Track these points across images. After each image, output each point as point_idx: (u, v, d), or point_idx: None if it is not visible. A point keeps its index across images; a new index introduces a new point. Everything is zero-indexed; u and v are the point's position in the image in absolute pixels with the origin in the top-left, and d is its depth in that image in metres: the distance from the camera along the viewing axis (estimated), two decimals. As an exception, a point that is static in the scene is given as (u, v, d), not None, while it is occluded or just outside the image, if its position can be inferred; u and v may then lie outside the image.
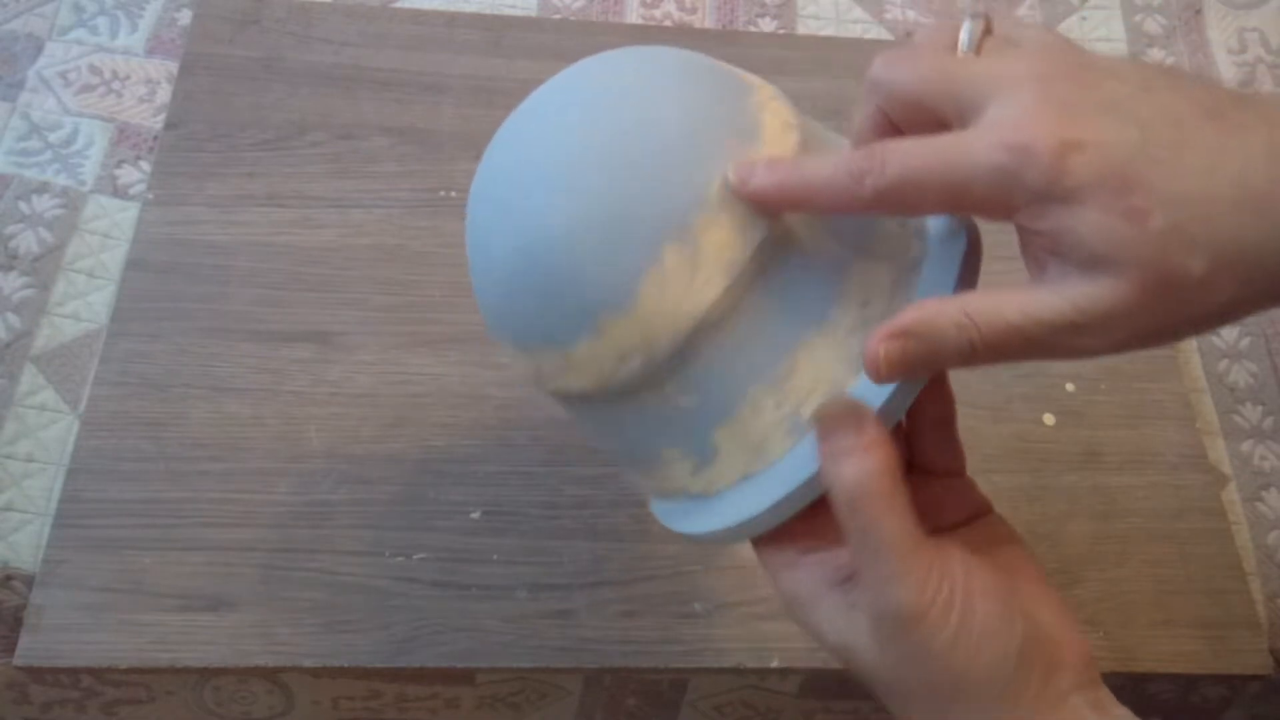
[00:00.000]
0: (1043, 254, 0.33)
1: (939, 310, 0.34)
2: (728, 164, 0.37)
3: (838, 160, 0.35)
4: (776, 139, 0.38)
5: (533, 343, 0.40)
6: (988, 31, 0.36)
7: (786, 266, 0.38)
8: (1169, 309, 0.32)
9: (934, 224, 0.41)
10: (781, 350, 0.38)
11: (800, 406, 0.38)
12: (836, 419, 0.36)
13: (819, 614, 0.37)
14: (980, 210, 0.34)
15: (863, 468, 0.35)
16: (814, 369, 0.38)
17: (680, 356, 0.38)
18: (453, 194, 0.70)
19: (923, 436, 0.41)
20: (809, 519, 0.38)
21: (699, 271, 0.37)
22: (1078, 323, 0.32)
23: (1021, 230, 0.34)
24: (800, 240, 0.38)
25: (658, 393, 0.39)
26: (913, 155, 0.34)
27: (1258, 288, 0.32)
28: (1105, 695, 0.37)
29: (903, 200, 0.34)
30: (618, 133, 0.38)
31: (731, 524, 0.39)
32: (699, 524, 0.41)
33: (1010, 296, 0.33)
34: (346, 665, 0.56)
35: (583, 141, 0.39)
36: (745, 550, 0.60)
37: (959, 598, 0.35)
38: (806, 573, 0.38)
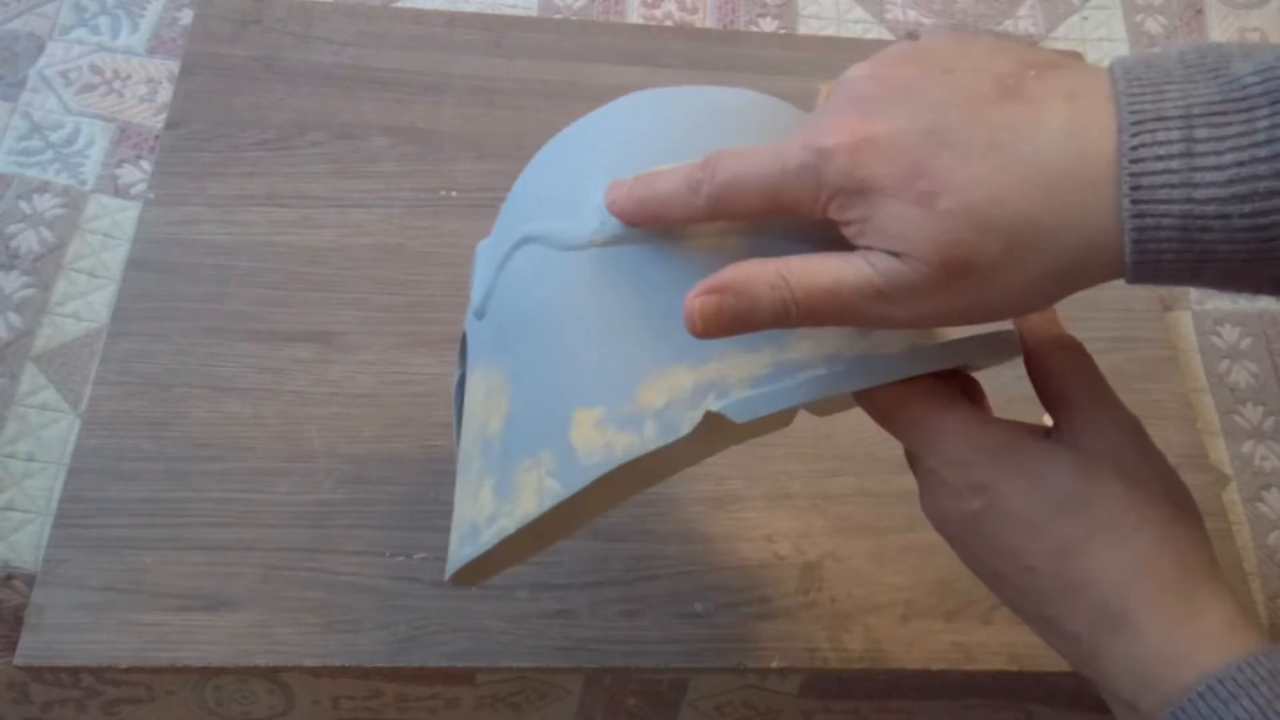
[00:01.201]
0: (855, 240, 0.35)
1: (758, 270, 0.36)
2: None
3: (681, 171, 0.37)
4: None
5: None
6: None
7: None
8: (970, 288, 0.34)
9: None
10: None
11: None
12: None
13: (1045, 448, 0.37)
14: (795, 209, 0.35)
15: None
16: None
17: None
18: (453, 194, 0.70)
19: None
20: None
21: None
22: (884, 292, 0.34)
23: (834, 225, 0.35)
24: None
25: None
26: (738, 160, 0.36)
27: (1061, 268, 0.33)
28: None
29: (732, 204, 0.36)
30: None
31: (918, 348, 0.38)
32: (838, 369, 0.38)
33: (826, 262, 0.35)
34: (347, 665, 0.56)
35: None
36: (746, 550, 0.60)
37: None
38: (1013, 424, 0.39)
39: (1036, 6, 0.87)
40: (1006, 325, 0.39)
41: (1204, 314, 0.73)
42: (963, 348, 0.39)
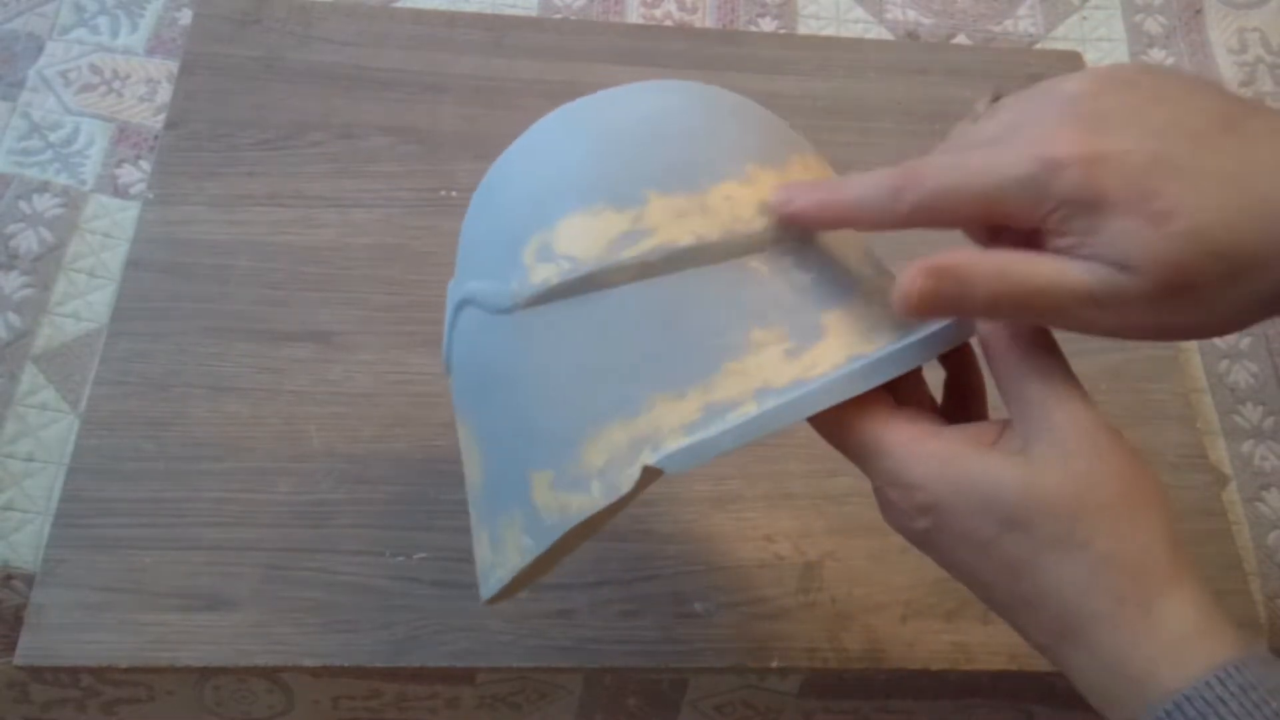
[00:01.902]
0: (1074, 252, 0.35)
1: (979, 259, 0.36)
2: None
3: (875, 178, 0.37)
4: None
5: (651, 187, 0.40)
6: (995, 99, 0.38)
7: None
8: (1186, 307, 0.34)
9: None
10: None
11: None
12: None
13: (988, 462, 0.37)
14: (1011, 219, 0.35)
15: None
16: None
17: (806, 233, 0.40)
18: (453, 194, 0.70)
19: (957, 399, 0.43)
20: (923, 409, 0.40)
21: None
22: (1099, 300, 0.34)
23: (1048, 234, 0.35)
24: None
25: (779, 257, 0.39)
26: (947, 170, 0.36)
27: (1269, 295, 0.34)
28: None
29: (938, 213, 0.36)
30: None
31: (838, 379, 0.38)
32: (772, 408, 0.38)
33: (1045, 261, 0.35)
34: (346, 665, 0.56)
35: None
36: (746, 550, 0.60)
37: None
38: (955, 437, 0.38)
39: (1036, 6, 0.87)
40: (944, 322, 0.38)
41: (1204, 314, 0.73)
42: (895, 360, 0.38)
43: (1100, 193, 0.34)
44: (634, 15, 0.83)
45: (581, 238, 0.39)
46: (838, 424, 0.39)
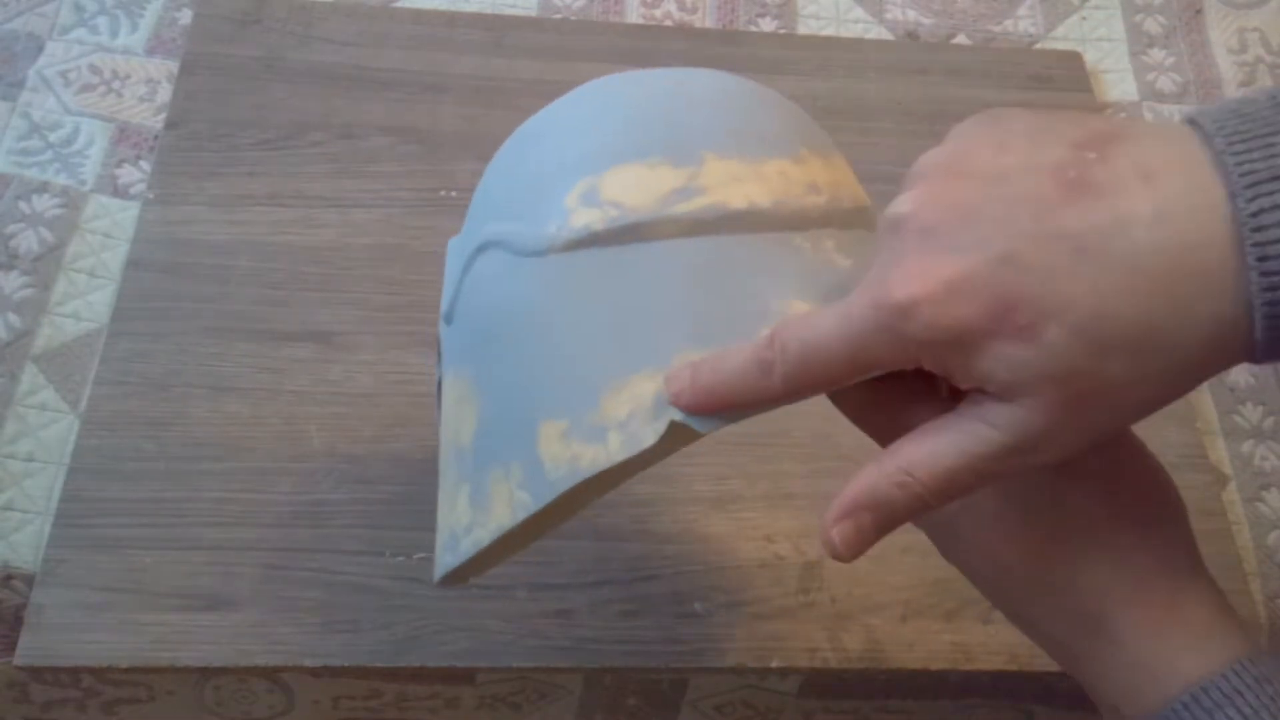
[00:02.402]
0: (960, 385, 0.32)
1: (878, 475, 0.34)
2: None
3: (747, 352, 0.34)
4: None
5: (705, 146, 0.39)
6: None
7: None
8: (1102, 410, 0.31)
9: None
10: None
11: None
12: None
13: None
14: (891, 368, 0.33)
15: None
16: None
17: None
18: (453, 194, 0.70)
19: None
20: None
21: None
22: (1016, 447, 0.31)
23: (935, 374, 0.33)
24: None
25: (805, 237, 0.39)
26: (806, 331, 0.33)
27: (1190, 364, 0.30)
28: None
29: (814, 381, 0.34)
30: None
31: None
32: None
33: (943, 439, 0.32)
34: (347, 665, 0.56)
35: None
36: (746, 550, 0.60)
37: None
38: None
39: (1036, 6, 0.87)
40: None
41: (1204, 314, 0.73)
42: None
43: (957, 328, 0.30)
44: (634, 15, 0.83)
45: (633, 187, 0.39)
46: (868, 399, 0.37)
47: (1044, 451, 0.32)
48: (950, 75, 0.81)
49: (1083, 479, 0.35)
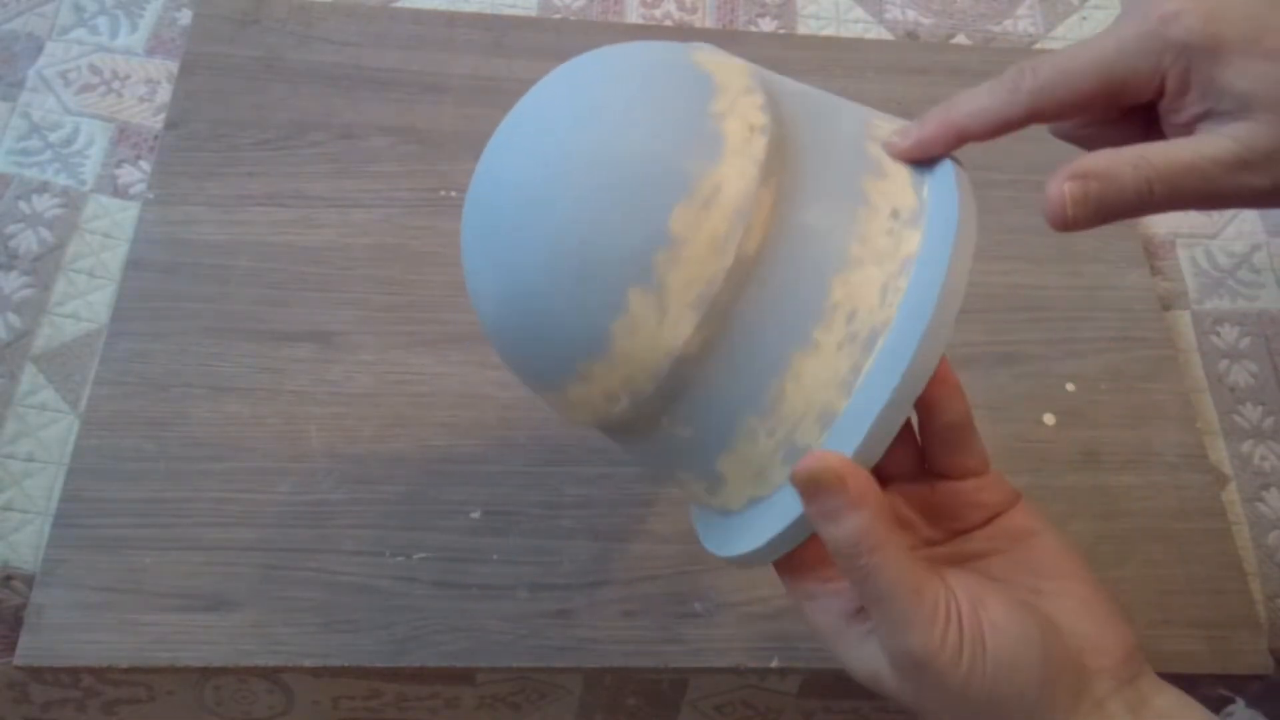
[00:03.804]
0: (1194, 120, 0.36)
1: (1116, 154, 0.37)
2: (685, 194, 0.36)
3: (987, 85, 0.38)
4: (740, 149, 0.36)
5: (531, 382, 0.41)
6: None
7: (763, 290, 0.36)
8: None
9: (929, 220, 0.39)
10: (767, 377, 0.36)
11: (794, 433, 0.37)
12: (818, 479, 0.34)
13: (843, 645, 0.37)
14: (1128, 89, 0.37)
15: (854, 524, 0.34)
16: (803, 393, 0.36)
17: (667, 392, 0.37)
18: (453, 194, 0.70)
19: (937, 441, 0.40)
20: (821, 547, 0.38)
21: (668, 312, 0.36)
22: (1245, 158, 0.35)
23: (1166, 112, 0.37)
24: (773, 262, 0.36)
25: (656, 427, 0.39)
26: (1061, 55, 0.38)
27: None
28: (1148, 685, 0.37)
29: (1057, 96, 0.37)
30: (579, 168, 0.37)
31: (745, 550, 0.39)
32: (724, 545, 0.41)
33: (1180, 142, 0.37)
34: (346, 665, 0.56)
35: (547, 182, 0.38)
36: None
37: (968, 636, 0.35)
38: (825, 604, 0.38)
39: (1036, 6, 0.87)
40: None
41: (1203, 314, 0.73)
42: (761, 548, 0.38)
43: (1217, 37, 0.35)
44: (634, 15, 0.83)
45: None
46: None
47: (1263, 172, 0.36)
48: (950, 75, 0.81)
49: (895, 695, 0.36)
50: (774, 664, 0.58)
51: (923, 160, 0.39)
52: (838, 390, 0.36)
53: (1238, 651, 0.61)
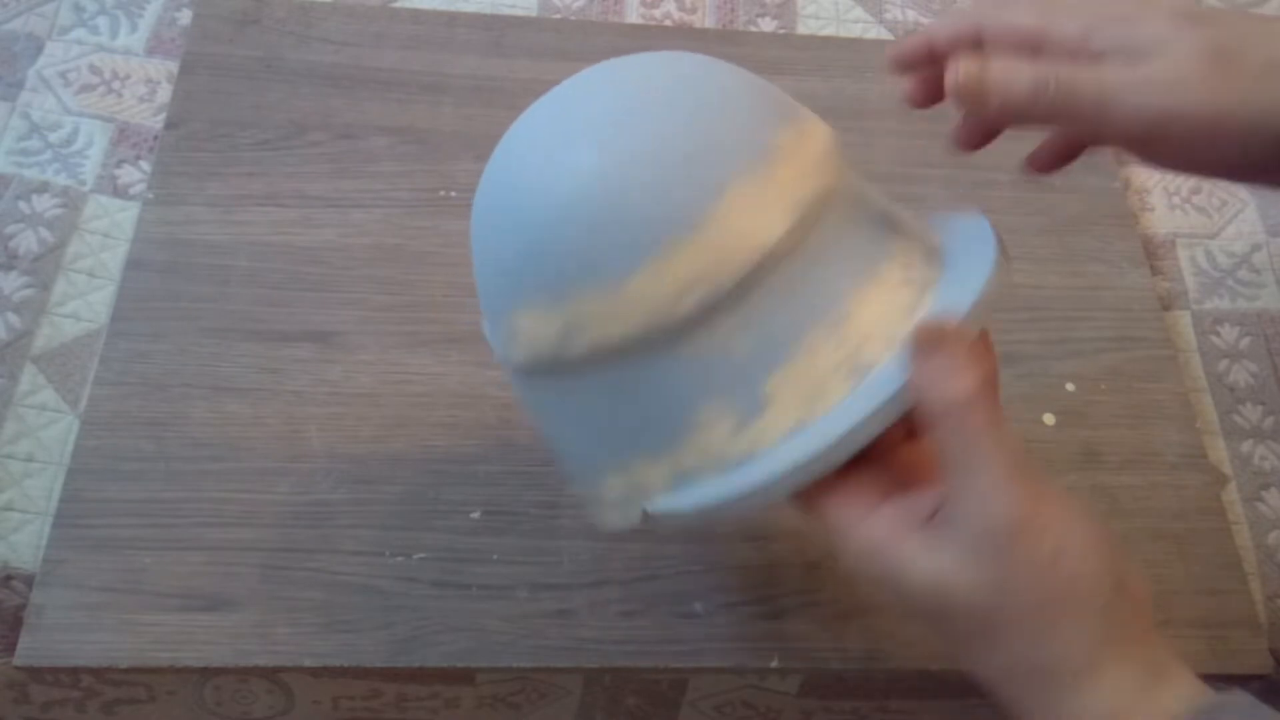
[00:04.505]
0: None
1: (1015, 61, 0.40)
2: (788, 122, 0.41)
3: (1032, 69, 0.40)
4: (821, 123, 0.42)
5: (574, 287, 0.39)
6: None
7: (845, 217, 0.40)
8: (1229, 75, 0.37)
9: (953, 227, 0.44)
10: (839, 294, 0.39)
11: (860, 349, 0.38)
12: (935, 337, 0.36)
13: (904, 555, 0.37)
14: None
15: (966, 384, 0.35)
16: (871, 314, 0.39)
17: (742, 291, 0.38)
18: (452, 194, 0.70)
19: None
20: (878, 470, 0.39)
21: (770, 204, 0.38)
22: (1143, 79, 0.38)
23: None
24: (855, 197, 0.41)
25: (710, 335, 0.39)
26: (1070, 76, 0.40)
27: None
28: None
29: (1058, 115, 0.41)
30: (684, 82, 0.41)
31: (787, 468, 0.38)
32: (730, 488, 0.39)
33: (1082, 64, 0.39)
34: (347, 665, 0.56)
35: (644, 91, 0.41)
36: (746, 550, 0.60)
37: (1060, 512, 0.35)
38: (884, 520, 0.38)
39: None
40: (893, 382, 0.37)
41: (1203, 313, 0.73)
42: (831, 442, 0.38)
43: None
44: (634, 15, 0.83)
45: (532, 331, 0.41)
46: (797, 507, 0.40)
47: (1158, 95, 0.38)
48: (950, 75, 0.80)
49: (966, 585, 0.36)
50: (774, 664, 0.58)
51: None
52: (903, 316, 0.39)
53: (1238, 651, 0.61)
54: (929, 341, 0.36)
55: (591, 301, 0.39)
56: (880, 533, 0.37)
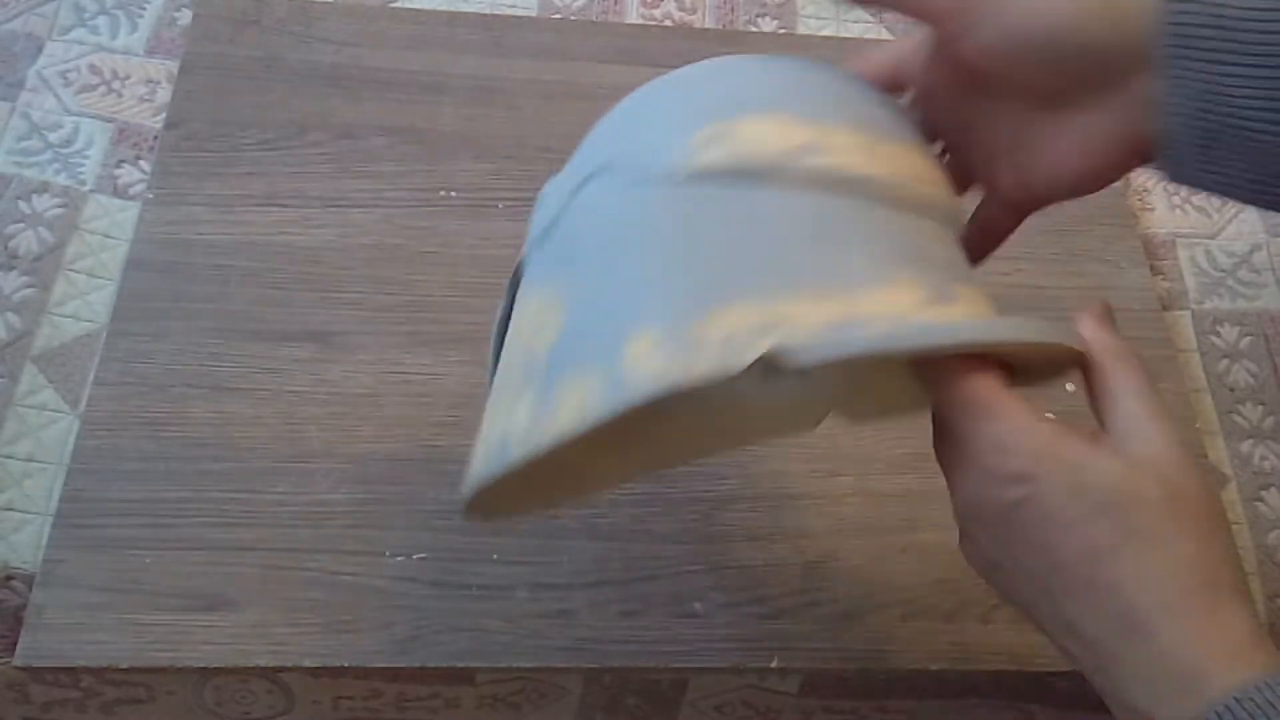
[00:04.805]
0: None
1: None
2: None
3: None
4: None
5: (833, 116, 0.42)
6: None
7: None
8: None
9: None
10: None
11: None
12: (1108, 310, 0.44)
13: (1082, 452, 0.38)
14: None
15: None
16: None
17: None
18: (452, 194, 0.70)
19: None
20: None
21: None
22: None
23: None
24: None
25: (931, 231, 0.42)
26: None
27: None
28: None
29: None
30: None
31: (965, 329, 0.39)
32: (907, 330, 0.38)
33: None
34: (346, 665, 0.56)
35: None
36: (745, 550, 0.60)
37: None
38: (1057, 427, 0.39)
39: (1036, 6, 0.87)
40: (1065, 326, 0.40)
41: (1203, 313, 0.73)
42: (1033, 327, 0.39)
43: None
44: (634, 15, 0.83)
45: (763, 136, 0.40)
46: (964, 374, 0.39)
47: (986, 27, 0.41)
48: (950, 75, 0.81)
49: (1147, 488, 0.37)
50: (774, 664, 0.58)
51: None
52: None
53: (1238, 651, 0.61)
54: (1105, 311, 0.43)
55: (845, 134, 0.41)
56: (1063, 431, 0.38)
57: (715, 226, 0.39)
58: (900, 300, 0.38)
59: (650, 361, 0.36)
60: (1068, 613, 0.37)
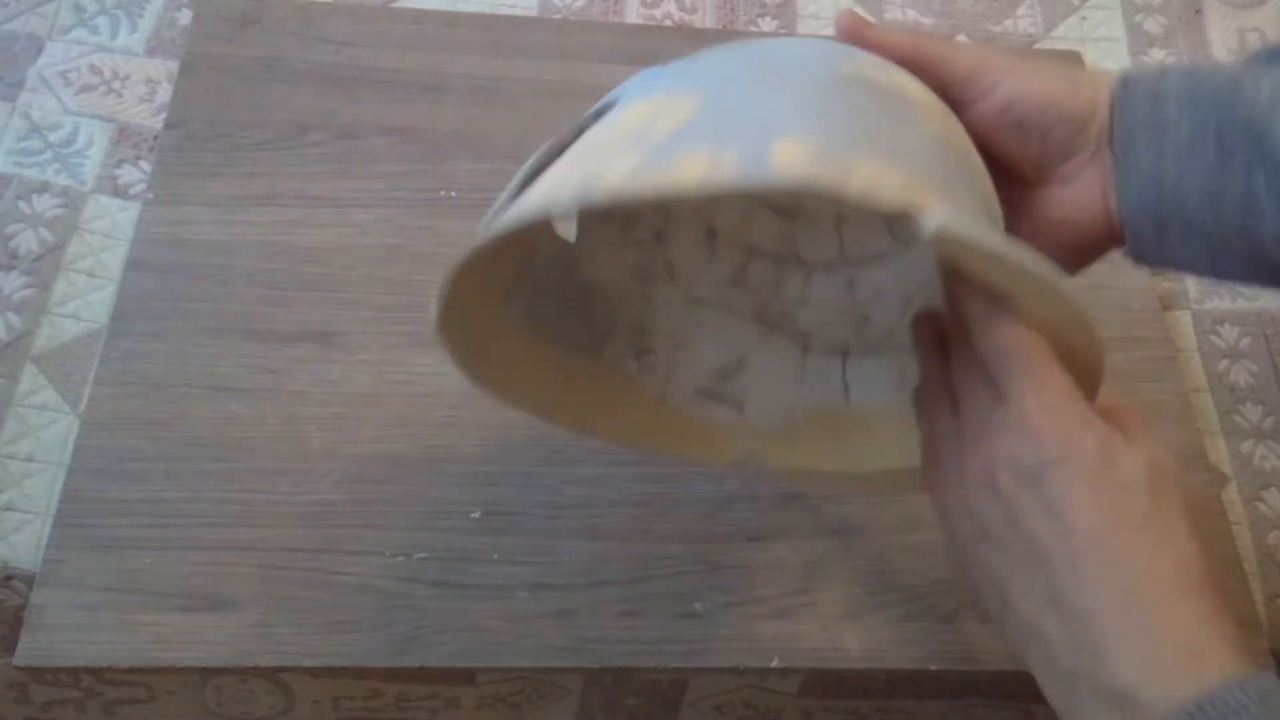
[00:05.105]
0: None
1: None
2: None
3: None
4: None
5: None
6: None
7: None
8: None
9: None
10: None
11: None
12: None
13: (1118, 439, 0.39)
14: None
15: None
16: None
17: None
18: (453, 194, 0.70)
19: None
20: None
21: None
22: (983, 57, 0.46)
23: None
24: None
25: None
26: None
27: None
28: None
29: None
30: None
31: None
32: None
33: None
34: (346, 665, 0.56)
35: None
36: (745, 550, 0.60)
37: None
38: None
39: (1035, 6, 0.87)
40: None
41: (1203, 314, 0.73)
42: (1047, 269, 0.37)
43: None
44: (634, 15, 0.83)
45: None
46: (1034, 336, 0.40)
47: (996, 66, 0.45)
48: (950, 75, 0.81)
49: (1173, 485, 0.39)
50: (774, 664, 0.58)
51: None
52: None
53: (1238, 651, 0.61)
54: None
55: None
56: (1092, 413, 0.39)
57: (858, 99, 0.40)
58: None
59: (799, 159, 0.34)
60: (1064, 583, 0.37)
